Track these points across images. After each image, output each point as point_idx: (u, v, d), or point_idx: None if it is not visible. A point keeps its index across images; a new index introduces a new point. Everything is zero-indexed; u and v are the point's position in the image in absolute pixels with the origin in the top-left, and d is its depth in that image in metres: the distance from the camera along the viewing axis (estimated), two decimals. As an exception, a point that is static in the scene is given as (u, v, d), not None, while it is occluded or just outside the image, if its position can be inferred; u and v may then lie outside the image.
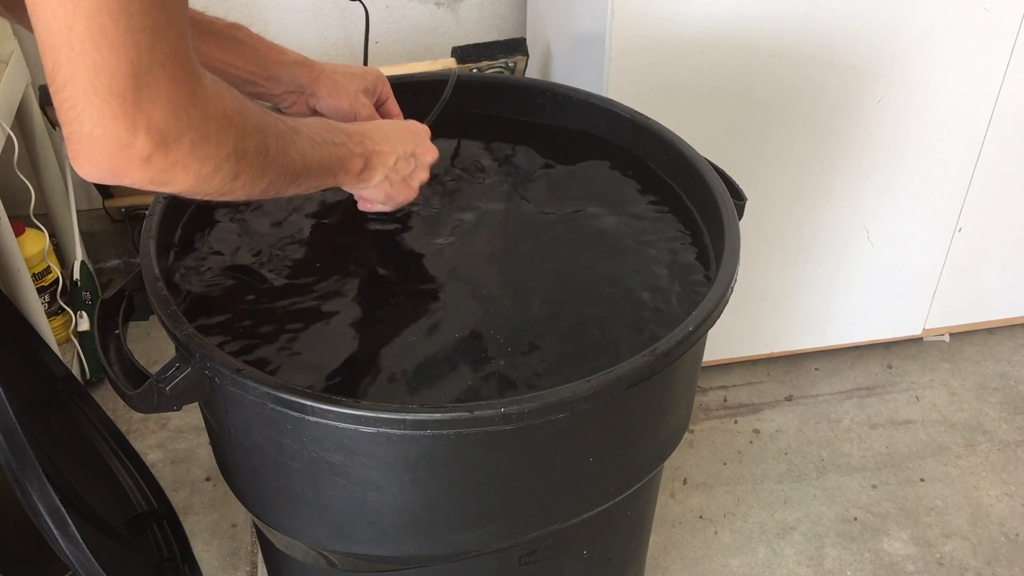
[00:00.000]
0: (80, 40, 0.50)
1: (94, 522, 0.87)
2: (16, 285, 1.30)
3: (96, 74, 0.51)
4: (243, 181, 0.62)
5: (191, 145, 0.56)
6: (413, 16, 1.71)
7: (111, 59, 0.51)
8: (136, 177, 0.56)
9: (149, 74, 0.52)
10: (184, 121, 0.55)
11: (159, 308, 0.72)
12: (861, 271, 1.55)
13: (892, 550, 1.37)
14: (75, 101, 0.52)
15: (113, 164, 0.54)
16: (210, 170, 0.59)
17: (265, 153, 0.63)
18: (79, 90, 0.51)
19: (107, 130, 0.53)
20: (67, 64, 0.51)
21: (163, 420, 1.54)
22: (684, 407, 0.86)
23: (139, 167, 0.55)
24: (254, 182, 0.63)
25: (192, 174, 0.58)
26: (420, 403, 0.65)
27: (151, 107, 0.53)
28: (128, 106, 0.52)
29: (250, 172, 0.62)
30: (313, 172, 0.70)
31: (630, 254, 0.87)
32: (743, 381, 1.65)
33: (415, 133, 0.83)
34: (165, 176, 0.56)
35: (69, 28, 0.50)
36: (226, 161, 0.59)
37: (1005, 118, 1.42)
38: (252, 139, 0.61)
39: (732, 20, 1.23)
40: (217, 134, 0.58)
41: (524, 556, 0.83)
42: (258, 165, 0.63)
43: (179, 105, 0.55)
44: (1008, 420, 1.59)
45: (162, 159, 0.55)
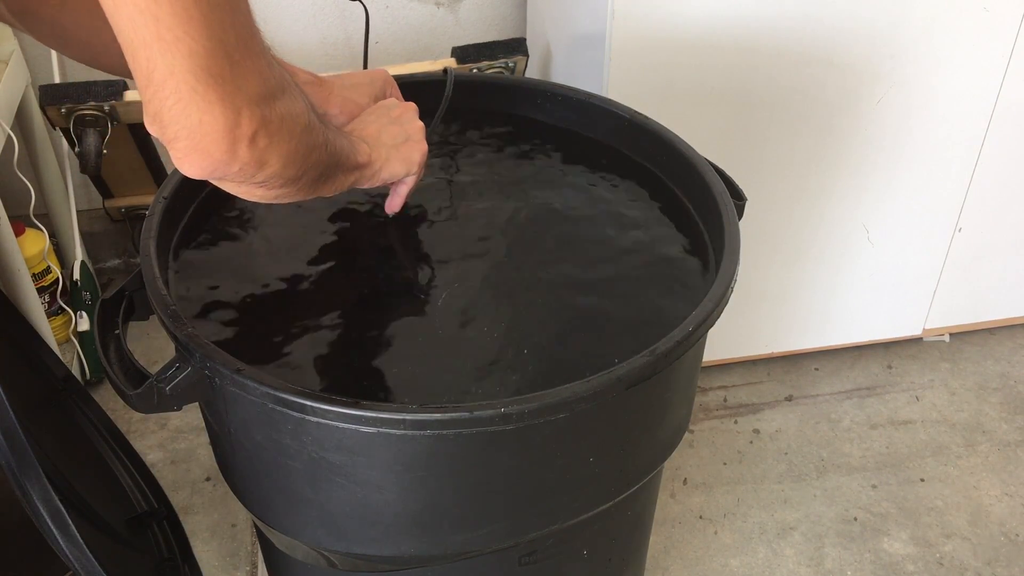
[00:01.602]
0: (169, 27, 0.49)
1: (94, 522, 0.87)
2: (16, 285, 1.30)
3: (193, 60, 0.50)
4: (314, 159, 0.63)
5: (281, 117, 0.57)
6: (413, 16, 1.71)
7: (204, 41, 0.50)
8: (243, 159, 0.56)
9: (237, 49, 0.52)
10: (271, 88, 0.55)
11: (159, 308, 0.72)
12: (861, 271, 1.55)
13: (892, 550, 1.37)
14: (179, 94, 0.51)
15: (223, 150, 0.54)
16: (293, 148, 0.59)
17: (311, 130, 0.63)
18: (181, 82, 0.51)
19: (216, 116, 0.53)
20: (162, 57, 0.50)
21: (163, 420, 1.54)
22: (684, 407, 0.86)
23: (247, 148, 0.55)
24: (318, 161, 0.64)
25: (283, 150, 0.58)
26: (420, 403, 0.65)
27: (245, 83, 0.53)
28: (229, 86, 0.52)
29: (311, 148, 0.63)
30: (341, 165, 0.71)
31: (629, 254, 0.87)
32: (743, 381, 1.65)
33: (370, 85, 0.85)
34: (265, 155, 0.57)
35: (156, 18, 0.49)
36: (305, 133, 0.60)
37: (1005, 118, 1.42)
38: (306, 115, 0.62)
39: (732, 20, 1.23)
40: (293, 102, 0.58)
41: (524, 556, 0.83)
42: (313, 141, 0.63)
43: (266, 76, 0.55)
44: (1008, 420, 1.59)
45: (263, 135, 0.56)
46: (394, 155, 0.79)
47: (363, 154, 0.76)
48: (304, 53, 1.69)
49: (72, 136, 1.40)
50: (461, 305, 0.81)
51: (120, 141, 1.50)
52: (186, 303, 0.80)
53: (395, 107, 0.84)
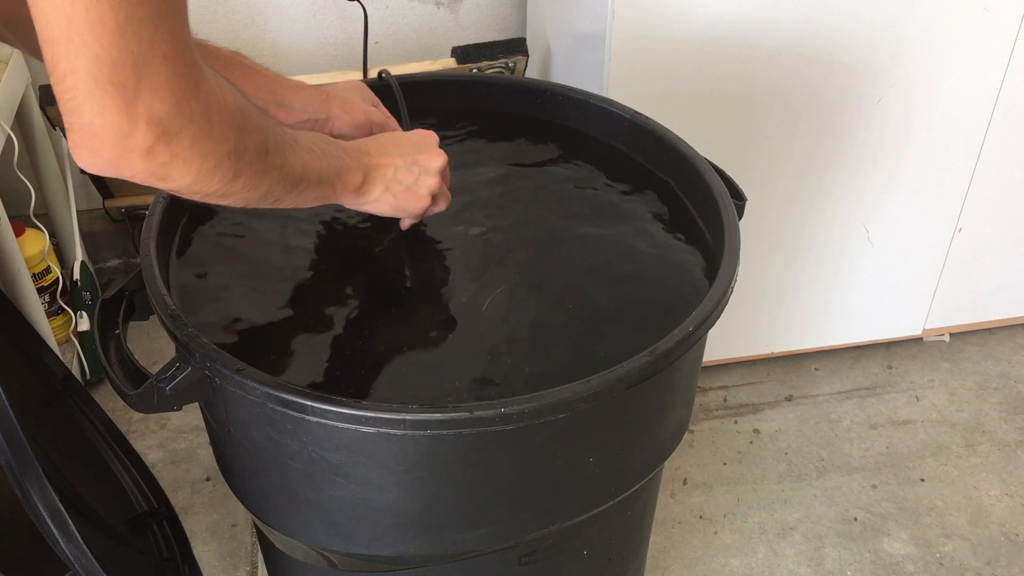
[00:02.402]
0: (79, 30, 0.49)
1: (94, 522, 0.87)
2: (16, 285, 1.30)
3: (96, 64, 0.50)
4: (243, 182, 0.61)
5: (193, 138, 0.55)
6: (413, 16, 1.71)
7: (111, 49, 0.50)
8: (136, 169, 0.55)
9: (150, 64, 0.52)
10: (186, 113, 0.54)
11: (159, 308, 0.72)
12: (861, 271, 1.55)
13: (892, 550, 1.37)
14: (75, 92, 0.51)
15: (114, 155, 0.54)
16: (211, 166, 0.58)
17: (265, 154, 0.62)
18: (79, 81, 0.51)
19: (108, 120, 0.52)
20: (66, 55, 0.50)
21: (163, 420, 1.54)
22: (684, 407, 0.86)
23: (140, 159, 0.54)
24: (253, 184, 0.63)
25: (193, 169, 0.57)
26: (420, 403, 0.65)
27: (152, 97, 0.52)
28: (129, 96, 0.52)
29: (250, 173, 0.61)
30: (312, 182, 0.70)
31: (629, 254, 0.87)
32: (743, 381, 1.65)
33: (416, 142, 0.82)
34: (165, 170, 0.56)
35: (68, 19, 0.49)
36: (227, 158, 0.59)
37: (1005, 118, 1.42)
38: (253, 138, 0.61)
39: (732, 20, 1.23)
40: (219, 128, 0.57)
41: (524, 556, 0.83)
42: (259, 166, 0.62)
43: (181, 97, 0.54)
44: (1008, 420, 1.59)
45: (163, 151, 0.54)
46: (390, 197, 0.79)
47: (353, 182, 0.75)
48: (304, 54, 1.69)
49: (72, 136, 1.40)
50: (462, 304, 0.81)
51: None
52: (186, 303, 0.80)
53: (430, 153, 0.81)
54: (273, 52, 1.66)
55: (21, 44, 0.79)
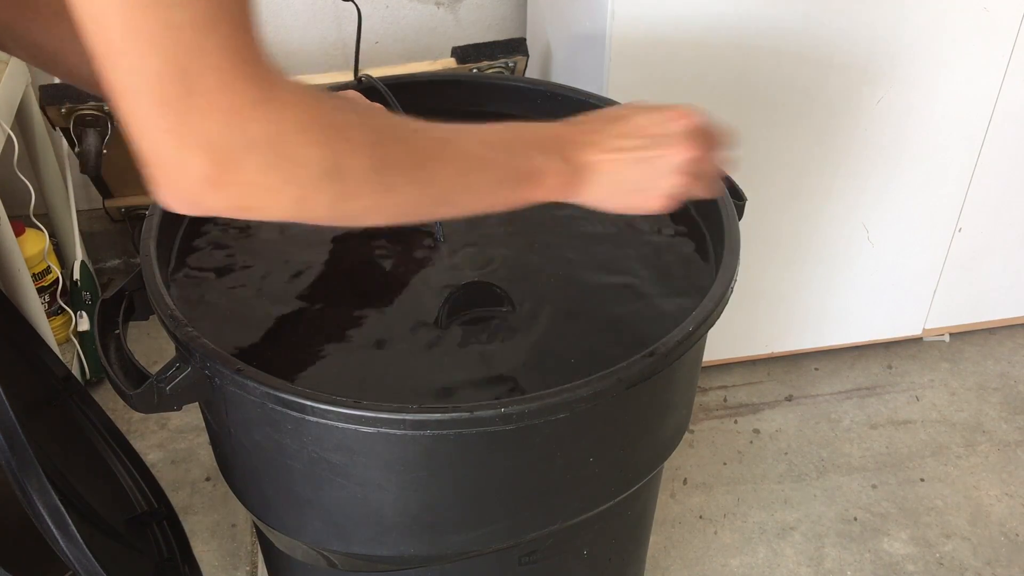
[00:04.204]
0: (116, 39, 0.44)
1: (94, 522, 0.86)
2: (16, 285, 1.30)
3: (137, 79, 0.44)
4: (361, 204, 0.53)
5: (259, 165, 0.48)
6: (413, 16, 1.71)
7: (152, 60, 0.44)
8: (213, 204, 0.48)
9: (200, 79, 0.45)
10: (247, 135, 0.47)
11: (159, 308, 0.72)
12: (861, 271, 1.55)
13: (892, 550, 1.37)
14: (126, 115, 0.46)
15: (182, 189, 0.48)
16: (303, 193, 0.50)
17: (385, 169, 0.54)
18: (124, 100, 0.45)
19: (161, 148, 0.46)
20: (111, 70, 0.45)
21: (163, 420, 1.54)
22: (684, 407, 0.86)
23: (209, 192, 0.47)
24: (379, 204, 0.54)
25: (283, 198, 0.50)
26: (420, 403, 0.65)
27: (202, 119, 0.45)
28: (178, 117, 0.45)
29: (368, 193, 0.53)
30: (477, 190, 0.60)
31: (629, 254, 0.87)
32: (743, 381, 1.65)
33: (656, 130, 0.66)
34: (248, 201, 0.49)
35: (105, 28, 0.44)
36: (322, 181, 0.50)
37: (1005, 118, 1.42)
38: (360, 155, 0.52)
39: (732, 20, 1.23)
40: (298, 150, 0.49)
41: (524, 556, 0.83)
42: (377, 184, 0.53)
43: (239, 116, 0.46)
44: (1008, 420, 1.59)
45: (231, 180, 0.47)
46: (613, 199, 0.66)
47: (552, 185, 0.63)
48: (303, 54, 1.69)
49: (72, 136, 1.40)
50: (462, 304, 0.81)
51: (120, 141, 1.50)
52: (186, 303, 0.80)
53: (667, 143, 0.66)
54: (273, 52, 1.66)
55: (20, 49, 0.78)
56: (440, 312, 0.78)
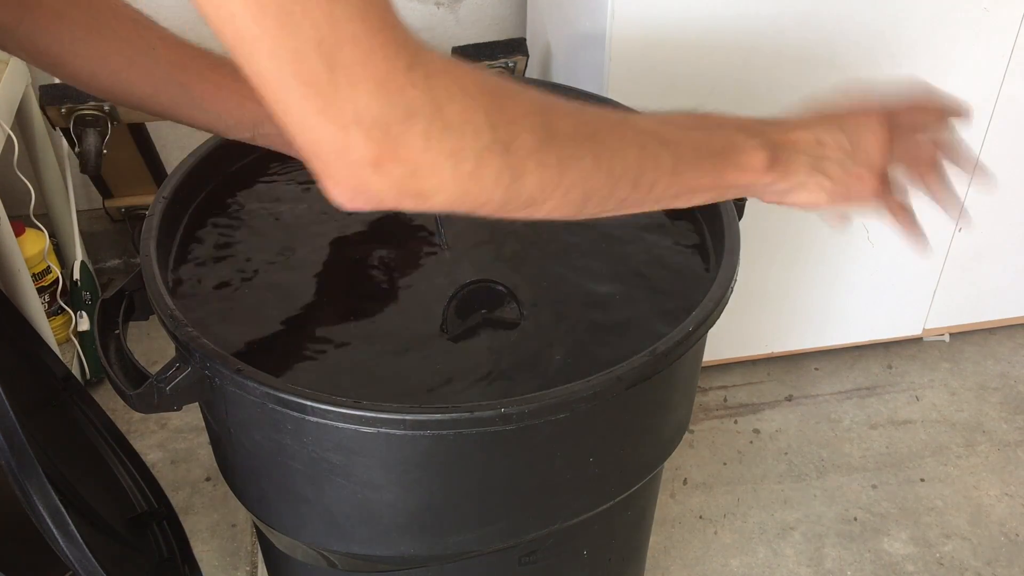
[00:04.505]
0: (245, 23, 0.41)
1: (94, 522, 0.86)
2: (16, 285, 1.30)
3: (276, 64, 0.41)
4: (535, 184, 0.48)
5: (423, 134, 0.43)
6: (413, 16, 1.71)
7: (286, 40, 0.41)
8: (379, 189, 0.45)
9: (339, 52, 0.41)
10: (404, 104, 0.43)
11: (159, 308, 0.72)
12: (861, 271, 1.55)
13: (892, 550, 1.37)
14: (276, 104, 0.43)
15: (345, 177, 0.44)
16: (470, 167, 0.45)
17: (556, 139, 0.49)
18: (269, 88, 0.42)
19: (316, 134, 0.43)
20: (247, 60, 0.42)
21: (163, 420, 1.54)
22: (684, 407, 0.86)
23: (373, 175, 0.44)
24: (555, 184, 0.49)
25: (447, 176, 0.45)
26: (420, 403, 0.65)
27: (352, 93, 0.42)
28: (326, 96, 0.42)
29: (539, 169, 0.48)
30: (667, 166, 0.54)
31: (631, 254, 0.87)
32: (743, 381, 1.65)
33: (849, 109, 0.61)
34: (412, 183, 0.45)
35: (231, 14, 0.41)
36: (488, 152, 0.46)
37: (1005, 118, 1.42)
38: (523, 121, 0.47)
39: (732, 20, 1.23)
40: (459, 115, 0.44)
41: (524, 556, 0.83)
42: (551, 156, 0.48)
43: (391, 84, 0.42)
44: (1008, 420, 1.59)
45: (393, 159, 0.44)
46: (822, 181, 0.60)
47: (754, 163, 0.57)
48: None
49: (72, 136, 1.40)
50: (467, 304, 0.81)
51: (120, 141, 1.50)
52: (186, 303, 0.80)
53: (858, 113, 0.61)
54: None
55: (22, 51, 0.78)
56: (445, 312, 0.78)
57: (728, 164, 0.56)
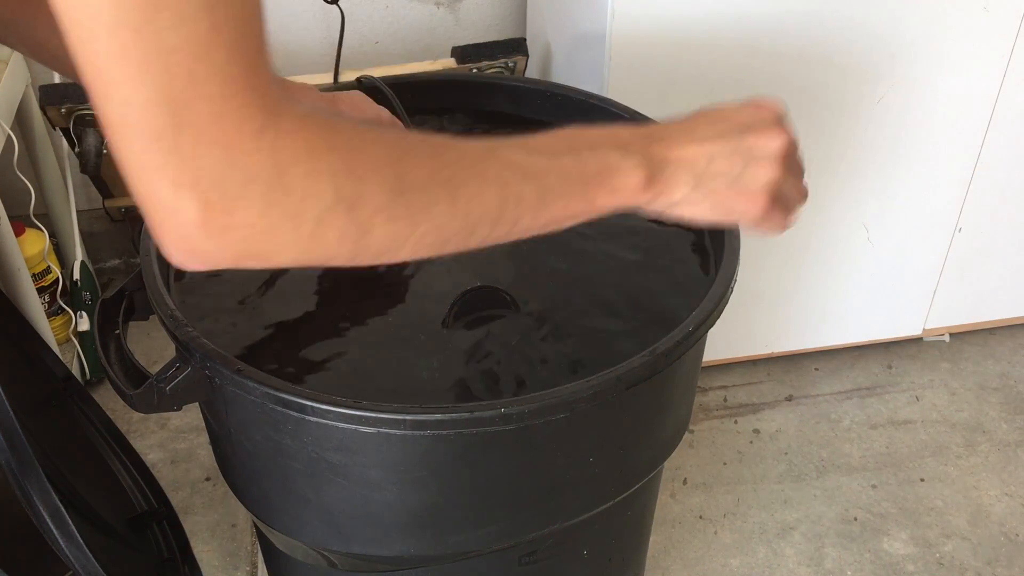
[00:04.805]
0: (104, 64, 0.39)
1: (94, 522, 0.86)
2: (16, 285, 1.30)
3: (125, 109, 0.40)
4: (385, 236, 0.47)
5: (263, 201, 0.42)
6: (413, 16, 1.71)
7: (141, 89, 0.39)
8: (213, 253, 0.43)
9: (190, 109, 0.40)
10: (244, 170, 0.42)
11: (159, 308, 0.72)
12: (861, 271, 1.55)
13: (892, 550, 1.37)
14: (118, 152, 0.41)
15: (176, 238, 0.43)
16: (310, 229, 0.44)
17: (407, 193, 0.48)
18: (114, 135, 0.41)
19: (153, 189, 0.41)
20: (100, 100, 0.41)
21: (163, 420, 1.54)
22: (684, 407, 0.86)
23: (206, 238, 0.42)
24: (407, 234, 0.48)
25: (286, 239, 0.44)
26: (420, 403, 0.65)
27: (194, 153, 0.41)
28: (168, 153, 0.40)
29: (388, 222, 0.47)
30: (532, 201, 0.53)
31: (630, 255, 0.87)
32: (743, 381, 1.65)
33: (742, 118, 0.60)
34: (248, 246, 0.44)
35: (94, 52, 0.40)
36: (331, 214, 0.45)
37: (1005, 118, 1.42)
38: (378, 178, 0.46)
39: (732, 20, 1.23)
40: (303, 182, 0.43)
41: (524, 556, 0.83)
42: (401, 211, 0.47)
43: (235, 149, 0.41)
44: (1008, 420, 1.59)
45: (227, 224, 0.42)
46: (706, 197, 0.58)
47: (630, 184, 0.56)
48: (304, 54, 1.69)
49: (72, 136, 1.40)
50: (469, 307, 0.80)
51: (120, 141, 1.50)
52: (186, 303, 0.80)
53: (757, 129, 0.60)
54: (273, 52, 1.66)
55: (22, 45, 0.78)
56: (447, 315, 0.78)
57: (600, 188, 0.55)
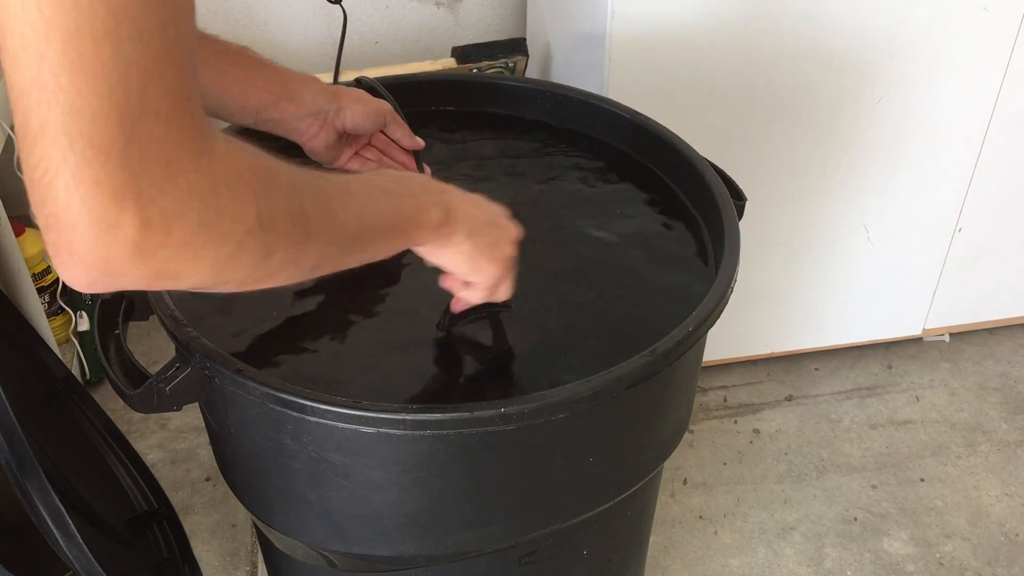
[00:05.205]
0: (54, 71, 0.38)
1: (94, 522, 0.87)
2: (16, 285, 1.30)
3: (73, 118, 0.39)
4: (280, 258, 0.50)
5: (198, 220, 0.43)
6: (413, 16, 1.71)
7: (92, 98, 0.39)
8: (132, 273, 0.43)
9: (140, 124, 0.40)
10: (183, 188, 0.42)
11: (159, 308, 0.72)
12: (861, 271, 1.55)
13: (892, 550, 1.37)
14: (48, 162, 0.40)
15: (101, 256, 0.41)
16: (231, 250, 0.46)
17: (303, 218, 0.51)
18: (51, 144, 0.39)
19: (87, 201, 0.40)
20: (38, 107, 0.39)
21: (163, 420, 1.54)
22: (684, 407, 0.86)
23: (133, 257, 0.42)
24: (296, 257, 0.51)
25: (207, 259, 0.45)
26: (420, 403, 0.65)
27: (141, 167, 0.40)
28: (113, 166, 0.40)
29: (288, 245, 0.50)
30: (375, 234, 0.59)
31: (629, 253, 0.87)
32: (743, 381, 1.65)
33: (492, 207, 0.72)
34: (171, 266, 0.44)
35: (41, 56, 0.38)
36: (250, 236, 0.47)
37: (1005, 118, 1.42)
38: (283, 203, 0.49)
39: (732, 20, 1.23)
40: (233, 202, 0.45)
41: (524, 556, 0.83)
42: (298, 235, 0.50)
43: (177, 167, 0.42)
44: (1008, 420, 1.59)
45: (162, 242, 0.42)
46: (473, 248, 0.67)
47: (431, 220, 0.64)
48: (304, 54, 1.69)
49: (72, 136, 1.40)
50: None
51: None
52: (186, 303, 0.80)
53: (504, 217, 0.72)
54: (273, 52, 1.66)
55: None
56: (443, 317, 0.78)
57: (414, 222, 0.63)
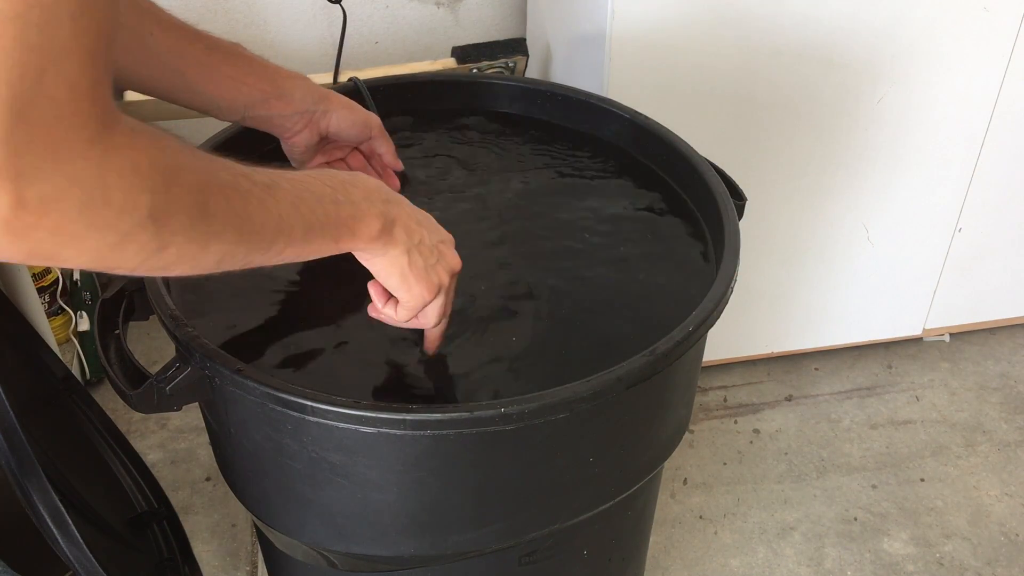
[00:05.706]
0: None
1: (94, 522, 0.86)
2: (16, 285, 1.30)
3: None
4: (175, 253, 0.49)
5: (79, 207, 0.43)
6: (413, 16, 1.71)
7: None
8: (5, 249, 0.42)
9: (31, 106, 0.40)
10: (67, 174, 0.42)
11: (159, 308, 0.72)
12: (861, 271, 1.55)
13: (892, 550, 1.37)
14: None
15: None
16: (114, 240, 0.45)
17: (205, 218, 0.50)
18: None
19: None
20: None
21: (163, 420, 1.54)
22: (684, 407, 0.86)
23: (5, 234, 0.41)
24: (194, 254, 0.51)
25: (88, 247, 0.44)
26: (420, 403, 0.65)
27: (27, 149, 0.40)
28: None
29: (184, 243, 0.49)
30: (295, 238, 0.58)
31: (629, 253, 0.87)
32: (743, 381, 1.65)
33: (441, 233, 0.72)
34: (46, 247, 0.43)
35: None
36: (139, 229, 0.46)
37: (1005, 118, 1.42)
38: (183, 201, 0.49)
39: (732, 20, 1.23)
40: (122, 194, 0.44)
41: (524, 556, 0.83)
42: (196, 234, 0.50)
43: (66, 154, 0.41)
44: (1008, 420, 1.59)
45: (35, 224, 0.42)
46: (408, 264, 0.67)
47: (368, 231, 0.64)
48: (304, 54, 1.69)
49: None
50: (462, 306, 0.81)
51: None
52: (186, 303, 0.80)
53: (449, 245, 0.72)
54: (273, 52, 1.66)
55: None
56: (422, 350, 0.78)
57: (348, 231, 0.63)
